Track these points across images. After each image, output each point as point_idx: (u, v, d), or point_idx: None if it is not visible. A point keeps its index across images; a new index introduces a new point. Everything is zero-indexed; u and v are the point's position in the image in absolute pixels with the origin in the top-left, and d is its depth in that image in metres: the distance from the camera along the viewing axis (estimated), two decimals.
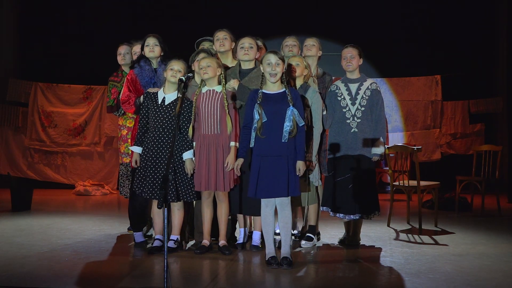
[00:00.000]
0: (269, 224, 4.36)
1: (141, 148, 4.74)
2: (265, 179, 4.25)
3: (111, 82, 5.72)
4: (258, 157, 4.31)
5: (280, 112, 4.28)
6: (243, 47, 4.86)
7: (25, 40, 9.82)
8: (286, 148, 4.28)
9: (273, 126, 4.28)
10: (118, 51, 5.81)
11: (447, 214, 7.08)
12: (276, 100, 4.33)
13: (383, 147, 5.07)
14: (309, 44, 5.29)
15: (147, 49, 5.15)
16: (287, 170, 4.25)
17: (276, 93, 4.36)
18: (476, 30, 9.40)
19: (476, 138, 9.44)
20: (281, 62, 4.33)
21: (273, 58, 4.31)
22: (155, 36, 5.19)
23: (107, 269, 4.27)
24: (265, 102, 4.33)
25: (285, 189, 4.24)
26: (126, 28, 9.27)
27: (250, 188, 4.31)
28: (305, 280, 4.05)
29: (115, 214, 7.10)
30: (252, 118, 4.34)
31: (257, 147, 4.34)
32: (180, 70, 4.69)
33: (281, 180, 4.24)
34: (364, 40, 7.27)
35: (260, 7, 9.50)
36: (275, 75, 4.31)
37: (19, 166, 9.55)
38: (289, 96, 4.31)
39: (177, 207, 4.77)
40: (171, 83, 4.72)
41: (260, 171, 4.28)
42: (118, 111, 5.62)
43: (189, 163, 4.68)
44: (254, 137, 4.35)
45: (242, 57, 4.88)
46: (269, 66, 4.31)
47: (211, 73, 4.66)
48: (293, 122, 4.27)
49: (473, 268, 4.31)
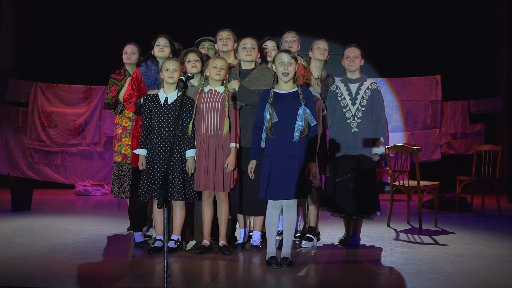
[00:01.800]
0: (274, 225, 4.35)
1: (146, 150, 4.74)
2: (276, 181, 4.23)
3: (112, 79, 5.70)
4: (270, 158, 4.29)
5: (292, 111, 4.26)
6: (245, 48, 4.84)
7: (25, 40, 9.82)
8: (298, 148, 4.25)
9: (285, 126, 4.26)
10: (124, 50, 5.80)
11: (447, 214, 7.08)
12: (288, 100, 4.31)
13: (383, 147, 5.07)
14: (323, 48, 5.23)
15: (157, 48, 5.15)
16: (298, 172, 4.23)
17: (288, 92, 4.34)
18: (476, 30, 9.40)
19: (476, 138, 9.44)
20: (294, 61, 4.31)
21: (285, 57, 4.29)
22: (166, 36, 5.20)
23: (107, 269, 4.27)
24: (277, 101, 4.30)
25: (294, 191, 4.22)
26: (126, 28, 9.28)
27: (261, 189, 4.29)
28: (305, 280, 4.06)
29: (115, 214, 7.10)
30: (263, 118, 4.32)
31: (268, 147, 4.31)
32: (176, 69, 4.70)
33: (291, 182, 4.22)
34: (364, 40, 7.27)
35: (260, 7, 9.49)
36: (287, 74, 4.29)
37: (19, 166, 9.54)
38: (301, 95, 4.29)
39: (179, 207, 4.77)
40: (169, 83, 4.72)
41: (271, 173, 4.25)
42: (115, 109, 5.61)
43: (190, 162, 4.68)
44: (265, 137, 4.33)
45: (244, 58, 4.87)
46: (282, 66, 4.29)
47: (223, 76, 4.67)
48: (305, 121, 4.25)
49: (473, 268, 4.31)
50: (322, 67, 5.31)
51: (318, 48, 5.24)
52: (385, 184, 9.31)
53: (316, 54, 5.24)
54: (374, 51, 8.49)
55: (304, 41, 5.49)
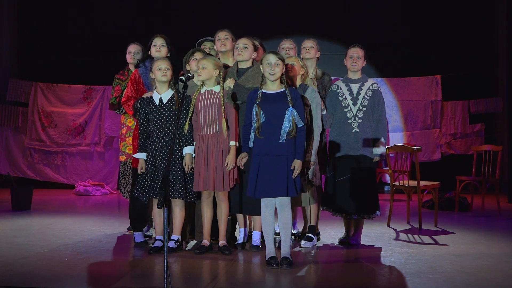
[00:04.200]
0: (269, 224, 4.35)
1: (145, 153, 4.74)
2: (264, 179, 4.26)
3: (116, 80, 5.72)
4: (258, 156, 4.32)
5: (279, 112, 4.29)
6: (237, 48, 4.90)
7: (25, 40, 9.82)
8: (286, 148, 4.28)
9: (272, 126, 4.28)
10: (128, 50, 5.80)
11: (447, 214, 7.08)
12: (276, 100, 4.33)
13: (384, 148, 5.07)
14: (307, 47, 5.29)
15: (154, 49, 5.15)
16: (286, 170, 4.25)
17: (276, 92, 4.37)
18: (476, 30, 9.39)
19: (476, 138, 9.43)
20: (281, 62, 4.34)
21: (272, 58, 4.32)
22: (163, 36, 5.19)
23: (107, 269, 4.27)
24: (265, 102, 4.33)
25: (284, 189, 4.24)
26: (126, 28, 9.28)
27: (249, 188, 4.32)
28: (305, 280, 4.06)
29: (115, 214, 7.10)
30: (252, 117, 4.35)
31: (256, 147, 4.34)
32: (168, 68, 4.70)
33: (280, 180, 4.24)
34: (364, 40, 7.26)
35: (260, 7, 9.49)
36: (273, 75, 4.32)
37: (19, 166, 9.54)
38: (289, 96, 4.32)
39: (179, 207, 4.77)
40: (162, 82, 4.72)
41: (259, 171, 4.28)
42: (120, 109, 5.63)
43: (188, 158, 4.68)
44: (253, 137, 4.36)
45: (236, 57, 4.94)
46: (269, 66, 4.33)
47: (205, 75, 4.67)
48: (292, 123, 4.27)
49: (473, 268, 4.31)
50: (315, 65, 5.32)
51: (304, 48, 5.32)
52: (385, 184, 9.31)
53: (302, 53, 5.31)
54: (374, 51, 8.48)
55: (300, 42, 5.48)
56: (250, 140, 4.39)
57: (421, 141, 9.24)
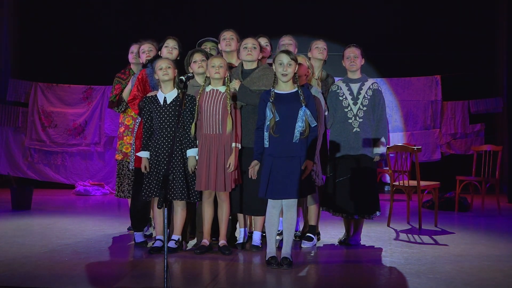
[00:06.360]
0: (274, 225, 4.35)
1: (148, 152, 4.74)
2: (276, 180, 4.24)
3: (117, 78, 5.72)
4: (270, 157, 4.30)
5: (292, 112, 4.27)
6: (246, 47, 4.84)
7: (25, 40, 9.81)
8: (299, 148, 4.27)
9: (286, 126, 4.27)
10: (131, 50, 5.79)
11: (447, 214, 7.08)
12: (288, 100, 4.32)
13: (384, 147, 5.07)
14: (321, 47, 5.26)
15: (166, 50, 5.16)
16: (299, 172, 4.24)
17: (288, 93, 4.35)
18: (476, 30, 9.39)
19: (476, 138, 9.43)
20: (293, 63, 4.32)
21: (285, 59, 4.30)
22: (175, 39, 5.24)
23: (107, 269, 4.27)
24: (278, 102, 4.31)
25: (295, 190, 4.23)
26: (126, 28, 9.28)
27: (261, 189, 4.30)
28: (305, 280, 4.06)
29: (115, 214, 7.10)
30: (265, 118, 4.33)
31: (269, 147, 4.31)
32: (169, 66, 4.71)
33: (292, 182, 4.23)
34: (364, 40, 7.27)
35: (259, 7, 9.49)
36: (286, 75, 4.30)
37: (19, 166, 9.54)
38: (302, 96, 4.31)
39: (180, 207, 4.77)
40: (166, 82, 4.72)
41: (271, 172, 4.26)
42: (119, 108, 5.62)
43: (191, 161, 4.68)
44: (267, 137, 4.33)
45: (245, 58, 4.86)
46: (281, 66, 4.30)
47: (223, 73, 4.66)
48: (305, 122, 4.26)
49: (473, 268, 4.31)
50: (321, 67, 5.32)
51: (317, 48, 5.26)
52: (385, 184, 9.30)
53: (315, 53, 5.26)
54: (374, 51, 8.49)
55: (304, 41, 5.48)
56: (264, 140, 4.35)
57: (421, 141, 9.24)
